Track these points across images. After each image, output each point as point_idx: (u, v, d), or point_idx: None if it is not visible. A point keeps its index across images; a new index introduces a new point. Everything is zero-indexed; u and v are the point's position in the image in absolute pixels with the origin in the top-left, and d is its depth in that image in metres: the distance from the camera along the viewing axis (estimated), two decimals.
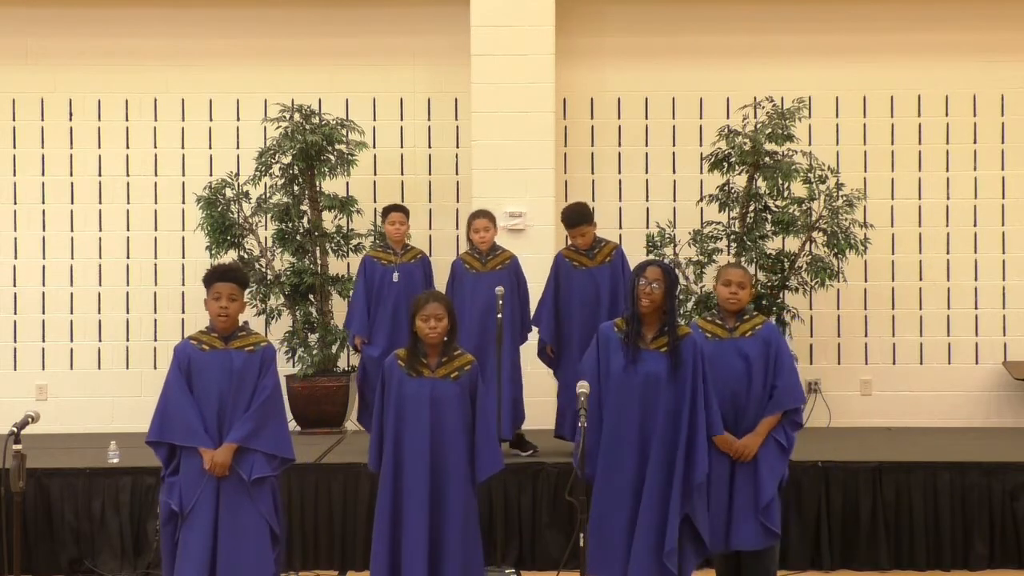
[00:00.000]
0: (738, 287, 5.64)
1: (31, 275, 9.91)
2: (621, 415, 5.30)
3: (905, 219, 9.91)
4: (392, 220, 8.21)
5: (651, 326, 5.37)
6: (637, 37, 9.91)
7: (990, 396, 9.81)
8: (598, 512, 5.30)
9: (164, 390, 5.47)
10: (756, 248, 8.92)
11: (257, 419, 5.38)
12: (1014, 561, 7.27)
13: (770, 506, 5.52)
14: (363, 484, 7.43)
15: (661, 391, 5.27)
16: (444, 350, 5.46)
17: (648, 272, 5.34)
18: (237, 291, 5.47)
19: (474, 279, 7.76)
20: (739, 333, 5.63)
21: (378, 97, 10.00)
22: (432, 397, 5.38)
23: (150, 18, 9.89)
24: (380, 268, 8.14)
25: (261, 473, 5.37)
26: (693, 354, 5.30)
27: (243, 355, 5.45)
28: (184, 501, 5.35)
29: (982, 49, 9.89)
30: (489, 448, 5.46)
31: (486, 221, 7.84)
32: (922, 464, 7.42)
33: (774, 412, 5.57)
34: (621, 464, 5.28)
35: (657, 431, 5.25)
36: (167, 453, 5.44)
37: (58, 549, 7.34)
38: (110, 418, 9.64)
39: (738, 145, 8.96)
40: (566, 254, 7.82)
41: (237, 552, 5.33)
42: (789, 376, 5.63)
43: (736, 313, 5.67)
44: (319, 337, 9.16)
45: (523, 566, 7.34)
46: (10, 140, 9.94)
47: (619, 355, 5.34)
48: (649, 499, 5.22)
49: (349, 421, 9.18)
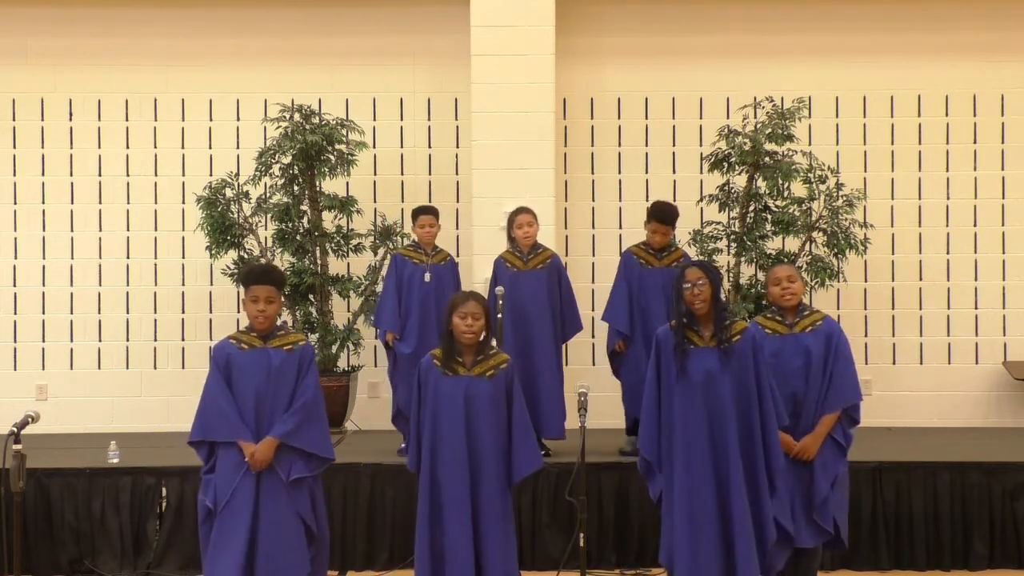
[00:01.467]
0: (788, 282, 5.72)
1: (31, 275, 9.91)
2: (688, 417, 5.34)
3: (905, 219, 9.91)
4: (422, 223, 8.17)
5: (707, 324, 5.42)
6: (637, 37, 9.91)
7: (990, 396, 9.81)
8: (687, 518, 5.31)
9: (204, 390, 5.52)
10: (756, 248, 8.92)
11: (300, 417, 5.44)
12: (1014, 561, 7.28)
13: (824, 504, 5.58)
14: (363, 484, 7.44)
15: (721, 388, 5.31)
16: (479, 349, 5.50)
17: (689, 275, 5.41)
18: (275, 293, 5.54)
19: (514, 277, 7.78)
20: (800, 328, 5.69)
21: (378, 97, 10.00)
22: (467, 395, 5.42)
23: (150, 18, 9.89)
24: (411, 266, 8.12)
25: (299, 474, 5.44)
26: (751, 346, 5.36)
27: (281, 354, 5.51)
28: (219, 496, 5.38)
29: (982, 49, 9.89)
30: (526, 446, 5.50)
31: (529, 216, 7.87)
32: (922, 464, 7.43)
33: (834, 409, 5.63)
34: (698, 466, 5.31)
35: (730, 428, 5.29)
36: (208, 452, 5.50)
37: (58, 549, 7.35)
38: (110, 418, 9.64)
39: (738, 145, 8.96)
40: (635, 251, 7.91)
41: (275, 548, 5.36)
42: (847, 373, 5.69)
43: (794, 309, 5.71)
44: (319, 337, 9.16)
45: (523, 566, 7.29)
46: (10, 140, 9.94)
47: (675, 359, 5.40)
48: (739, 495, 5.26)
49: (349, 421, 9.19)
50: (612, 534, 7.41)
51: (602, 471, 7.43)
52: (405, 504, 7.20)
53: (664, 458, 5.41)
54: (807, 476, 5.63)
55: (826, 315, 5.84)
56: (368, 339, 9.28)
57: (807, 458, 5.60)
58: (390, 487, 7.42)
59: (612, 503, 7.42)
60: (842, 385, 5.66)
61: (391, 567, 7.32)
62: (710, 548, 5.26)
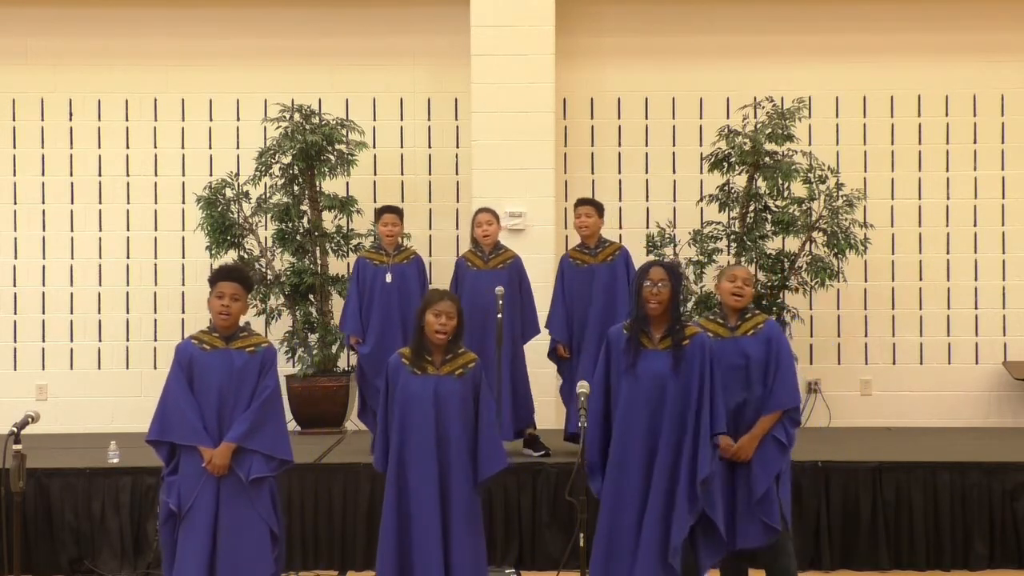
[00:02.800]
0: (743, 283, 5.65)
1: (31, 275, 9.91)
2: (629, 417, 5.30)
3: (905, 219, 9.91)
4: (385, 221, 8.15)
5: (659, 326, 5.36)
6: (637, 37, 9.91)
7: (990, 396, 9.81)
8: (607, 515, 5.30)
9: (165, 389, 5.47)
10: (756, 248, 8.92)
11: (255, 419, 5.37)
12: (1014, 561, 7.27)
13: (765, 501, 5.52)
14: (363, 484, 7.43)
15: (667, 391, 5.27)
16: (449, 348, 5.46)
17: (652, 273, 5.34)
18: (240, 291, 5.47)
19: (475, 277, 7.76)
20: (741, 332, 5.63)
21: (378, 97, 10.00)
22: (436, 394, 5.38)
23: (150, 18, 9.89)
24: (372, 268, 8.11)
25: (259, 473, 5.37)
26: (700, 353, 5.30)
27: (244, 355, 5.45)
28: (182, 500, 5.35)
29: (982, 49, 9.89)
30: (492, 446, 5.46)
31: (489, 215, 7.85)
32: (922, 464, 7.42)
33: (772, 411, 5.57)
34: (629, 466, 5.27)
35: (664, 431, 5.25)
36: (168, 452, 5.44)
37: (58, 549, 7.34)
38: (110, 418, 9.64)
39: (738, 145, 8.96)
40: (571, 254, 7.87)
41: (236, 552, 5.33)
42: (787, 376, 5.62)
43: (739, 311, 5.67)
44: (319, 337, 9.16)
45: (523, 566, 7.34)
46: (10, 140, 9.94)
47: (625, 357, 5.34)
48: (656, 499, 5.22)
49: (349, 421, 9.19)
50: None
51: None
52: None
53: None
54: (748, 476, 5.57)
55: (768, 318, 5.77)
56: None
57: (744, 458, 5.54)
58: None
59: None
60: (781, 389, 5.58)
61: None
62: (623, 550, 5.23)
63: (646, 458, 5.26)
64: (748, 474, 5.54)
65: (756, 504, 5.50)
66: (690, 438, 5.24)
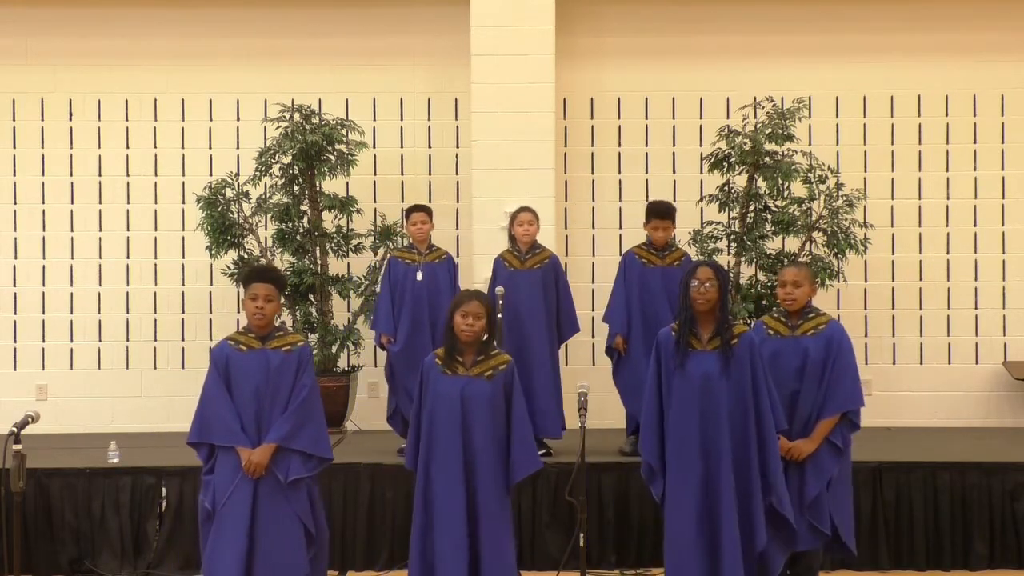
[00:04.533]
0: (793, 286, 5.70)
1: (31, 275, 9.91)
2: (681, 420, 5.32)
3: (905, 219, 9.91)
4: (414, 220, 8.21)
5: (707, 326, 5.39)
6: (637, 37, 9.91)
7: (990, 396, 9.80)
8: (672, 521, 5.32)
9: (203, 391, 5.52)
10: (756, 248, 8.92)
11: (296, 419, 5.44)
12: (1014, 561, 7.28)
13: (816, 504, 5.57)
14: (363, 484, 7.44)
15: (718, 392, 5.29)
16: (481, 349, 5.49)
17: (700, 273, 5.38)
18: (274, 292, 5.54)
19: (511, 276, 7.80)
20: (801, 331, 5.67)
21: (378, 97, 10.00)
22: (463, 395, 5.41)
23: (150, 18, 9.89)
24: (403, 267, 8.15)
25: (297, 475, 5.43)
26: (750, 352, 5.33)
27: (280, 355, 5.51)
28: (217, 499, 5.39)
29: (982, 49, 9.88)
30: (524, 447, 5.49)
31: (530, 215, 7.90)
32: (922, 464, 7.43)
33: (831, 414, 5.61)
34: (687, 468, 5.30)
35: (721, 433, 5.27)
36: (207, 453, 5.51)
37: (58, 549, 7.35)
38: (110, 418, 9.64)
39: (738, 145, 8.96)
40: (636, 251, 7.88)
41: (273, 551, 5.37)
42: (848, 377, 5.66)
43: (798, 312, 5.69)
44: (319, 337, 9.16)
45: (523, 566, 7.32)
46: (10, 140, 9.94)
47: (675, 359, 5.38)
48: (729, 500, 5.23)
49: (349, 421, 9.19)
50: (612, 534, 7.40)
51: (602, 471, 7.43)
52: (405, 504, 7.18)
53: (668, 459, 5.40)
54: (800, 478, 5.60)
55: (831, 319, 5.81)
56: (368, 339, 9.27)
57: (797, 458, 5.57)
58: (390, 487, 7.42)
59: (612, 503, 7.41)
60: (841, 390, 5.62)
61: (391, 567, 7.32)
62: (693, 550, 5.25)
63: (702, 460, 5.29)
64: (801, 476, 5.57)
65: (807, 507, 5.54)
66: (755, 434, 5.27)
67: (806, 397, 5.62)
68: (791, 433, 5.59)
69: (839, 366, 5.64)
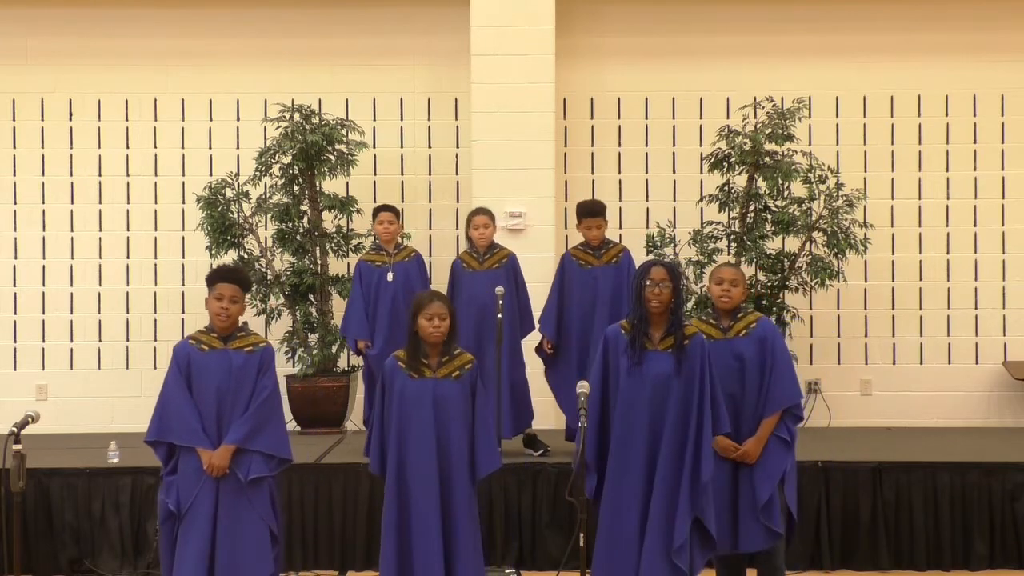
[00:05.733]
0: (730, 284, 5.61)
1: (31, 275, 9.91)
2: (630, 418, 5.27)
3: (905, 219, 9.91)
4: (381, 220, 8.16)
5: (659, 326, 5.33)
6: (637, 37, 9.91)
7: (990, 396, 9.80)
8: (608, 515, 5.28)
9: (163, 390, 5.48)
10: (756, 248, 8.92)
11: (255, 420, 5.39)
12: (1014, 561, 7.27)
13: (769, 506, 5.50)
14: (363, 484, 7.43)
15: (670, 392, 5.25)
16: (444, 350, 5.46)
17: (654, 273, 5.31)
18: (239, 293, 5.49)
19: (471, 277, 7.77)
20: (733, 333, 5.60)
21: (378, 97, 10.00)
22: (435, 397, 5.38)
23: (150, 18, 9.89)
24: (374, 270, 8.11)
25: (258, 473, 5.38)
26: (700, 352, 5.28)
27: (242, 355, 5.47)
28: (181, 501, 5.36)
29: (982, 49, 9.89)
30: (488, 446, 5.46)
31: (485, 218, 7.85)
32: (922, 464, 7.42)
33: (773, 412, 5.54)
34: (631, 467, 5.25)
35: (666, 432, 5.23)
36: (166, 452, 5.46)
37: (58, 549, 7.34)
38: (110, 418, 9.64)
39: (738, 145, 8.96)
40: (573, 253, 7.82)
41: (235, 552, 5.34)
42: (785, 374, 5.59)
43: (730, 312, 5.65)
44: (319, 337, 9.16)
45: (523, 566, 7.34)
46: (10, 140, 9.94)
47: (626, 358, 5.31)
48: (659, 499, 5.20)
49: (349, 421, 9.19)
50: None
51: None
52: None
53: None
54: (751, 479, 5.56)
55: (761, 316, 5.74)
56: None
57: (751, 461, 5.54)
58: None
59: None
60: (779, 387, 5.55)
61: None
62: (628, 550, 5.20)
63: (647, 459, 5.24)
64: (752, 477, 5.53)
65: (760, 510, 5.50)
66: (692, 439, 5.23)
67: (748, 398, 5.55)
68: (739, 435, 5.53)
69: (776, 364, 5.55)
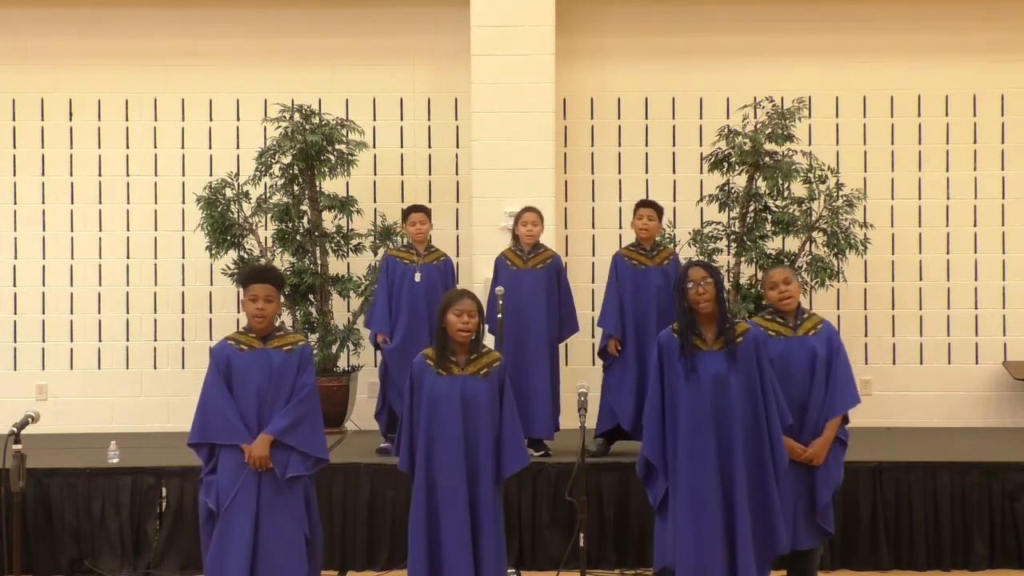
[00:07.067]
0: (784, 284, 5.69)
1: (31, 275, 9.91)
2: (696, 419, 5.29)
3: (905, 219, 9.91)
4: (412, 221, 8.16)
5: (710, 326, 5.37)
6: (637, 37, 9.91)
7: (990, 396, 9.80)
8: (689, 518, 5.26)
9: (203, 391, 5.52)
10: (756, 248, 8.92)
11: (295, 415, 5.44)
12: (1014, 561, 7.28)
13: (826, 507, 5.58)
14: (363, 484, 7.43)
15: (730, 390, 5.28)
16: (472, 347, 5.48)
17: (692, 273, 5.35)
18: (273, 292, 5.54)
19: (514, 275, 7.79)
20: (803, 331, 5.67)
21: (378, 97, 10.00)
22: (463, 395, 5.41)
23: (150, 18, 9.89)
24: (401, 267, 8.11)
25: (295, 472, 5.43)
26: (755, 348, 5.34)
27: (281, 354, 5.51)
28: (221, 497, 5.39)
29: (982, 49, 9.89)
30: (515, 444, 5.50)
31: (535, 215, 7.90)
32: (922, 464, 7.43)
33: (838, 413, 5.64)
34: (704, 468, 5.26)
35: (735, 430, 5.25)
36: (208, 453, 5.50)
37: (58, 549, 7.35)
38: (110, 418, 9.64)
39: (738, 145, 8.96)
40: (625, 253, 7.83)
41: (276, 549, 5.38)
42: (849, 376, 5.73)
43: (792, 312, 5.69)
44: (319, 337, 9.16)
45: (523, 566, 7.34)
46: (10, 140, 9.94)
47: (681, 362, 5.34)
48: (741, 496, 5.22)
49: (349, 421, 9.19)
50: (612, 534, 7.40)
51: (602, 471, 7.43)
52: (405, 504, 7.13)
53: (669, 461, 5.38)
54: (809, 480, 5.60)
55: (823, 318, 5.85)
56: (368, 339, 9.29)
57: (818, 463, 5.58)
58: (390, 487, 7.41)
59: (612, 503, 7.41)
60: (844, 389, 5.66)
61: (391, 567, 7.32)
62: (714, 551, 5.21)
63: (718, 458, 5.26)
64: (813, 479, 5.57)
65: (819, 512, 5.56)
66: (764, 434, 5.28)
67: (816, 397, 5.62)
68: (803, 433, 5.58)
69: (841, 366, 5.67)
